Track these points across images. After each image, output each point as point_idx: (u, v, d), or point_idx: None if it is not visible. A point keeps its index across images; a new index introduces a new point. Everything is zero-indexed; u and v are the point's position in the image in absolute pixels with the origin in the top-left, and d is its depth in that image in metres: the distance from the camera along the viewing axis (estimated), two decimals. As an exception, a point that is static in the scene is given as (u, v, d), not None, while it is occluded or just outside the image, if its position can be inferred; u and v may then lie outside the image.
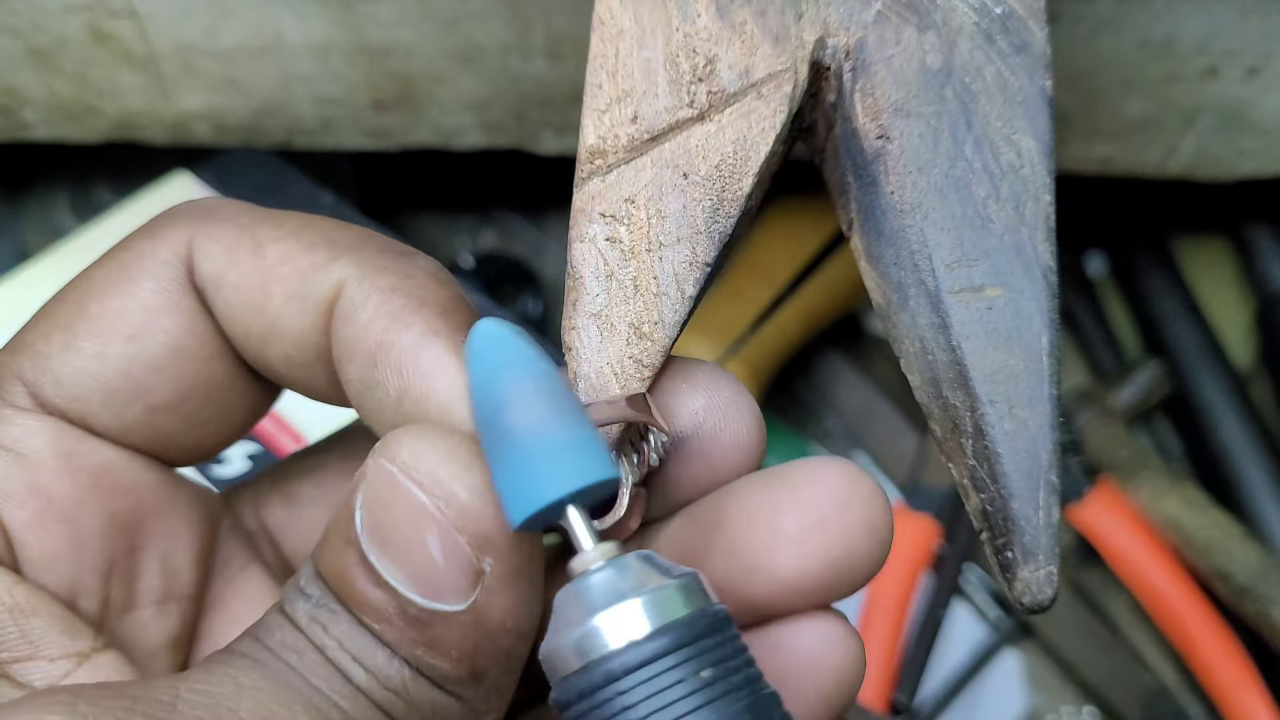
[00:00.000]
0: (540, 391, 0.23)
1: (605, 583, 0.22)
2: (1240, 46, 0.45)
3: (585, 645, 0.21)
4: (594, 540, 0.23)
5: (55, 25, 0.47)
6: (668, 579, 0.22)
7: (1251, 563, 0.56)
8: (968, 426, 0.27)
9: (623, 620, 0.21)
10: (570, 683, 0.22)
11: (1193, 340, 0.63)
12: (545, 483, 0.22)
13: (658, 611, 0.21)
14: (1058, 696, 0.60)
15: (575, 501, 0.22)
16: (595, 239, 0.27)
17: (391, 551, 0.22)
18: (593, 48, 0.28)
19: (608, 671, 0.21)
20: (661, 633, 0.21)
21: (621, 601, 0.21)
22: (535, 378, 0.23)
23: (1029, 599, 0.26)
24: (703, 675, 0.21)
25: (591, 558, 0.22)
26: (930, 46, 0.28)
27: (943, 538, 0.62)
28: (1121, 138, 0.50)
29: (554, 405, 0.22)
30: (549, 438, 0.22)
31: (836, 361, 0.66)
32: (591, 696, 0.21)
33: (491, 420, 0.22)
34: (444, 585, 0.22)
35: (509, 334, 0.23)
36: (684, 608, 0.22)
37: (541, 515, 0.22)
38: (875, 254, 0.28)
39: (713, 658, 0.21)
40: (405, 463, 0.22)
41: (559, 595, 0.23)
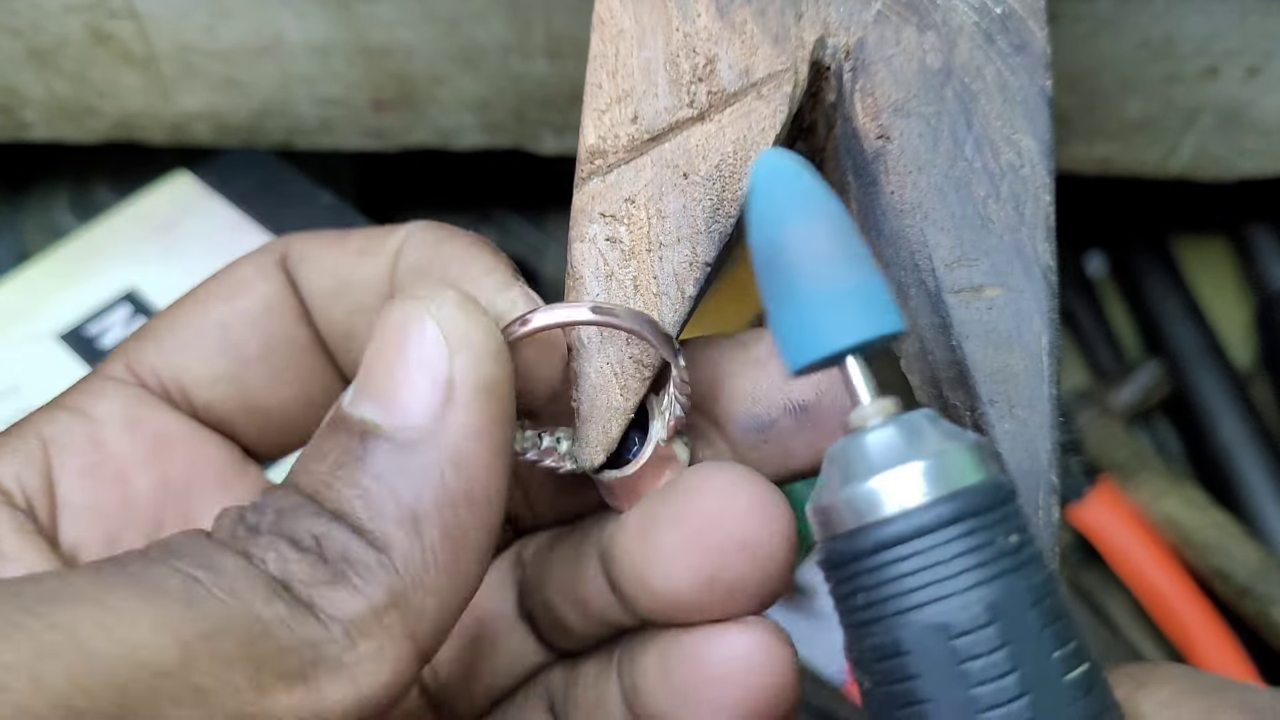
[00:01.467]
0: (827, 231, 0.21)
1: (888, 440, 0.21)
2: (1240, 46, 0.45)
3: (873, 503, 0.20)
4: (874, 393, 0.22)
5: (55, 25, 0.47)
6: (956, 441, 0.21)
7: (1251, 563, 0.56)
8: (968, 426, 0.27)
9: (909, 483, 0.20)
10: (866, 535, 0.20)
11: (1193, 340, 0.63)
12: (830, 331, 0.21)
13: (957, 474, 0.20)
14: (1058, 696, 0.60)
15: (857, 353, 0.22)
16: (595, 239, 0.27)
17: (370, 384, 0.22)
18: (593, 48, 0.28)
19: (914, 525, 0.20)
20: (951, 499, 0.20)
21: (906, 463, 0.21)
22: (822, 216, 0.22)
23: (1029, 599, 0.26)
24: (1011, 540, 0.20)
25: (872, 412, 0.22)
26: (930, 46, 0.28)
27: (943, 538, 0.62)
28: (1121, 138, 0.50)
29: (842, 247, 0.21)
30: (836, 282, 0.21)
31: (836, 361, 0.66)
32: (890, 550, 0.20)
33: (775, 259, 0.21)
34: (413, 401, 0.21)
35: (794, 166, 0.22)
36: (978, 472, 0.21)
37: (821, 363, 0.21)
38: (875, 254, 0.28)
39: (1015, 525, 0.20)
40: (404, 299, 0.23)
41: (834, 448, 0.22)
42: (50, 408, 0.26)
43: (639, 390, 0.27)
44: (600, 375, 0.27)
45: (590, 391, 0.27)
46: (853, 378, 0.22)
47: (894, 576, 0.20)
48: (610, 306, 0.25)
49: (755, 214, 0.22)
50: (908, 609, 0.20)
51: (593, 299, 0.26)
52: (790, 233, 0.21)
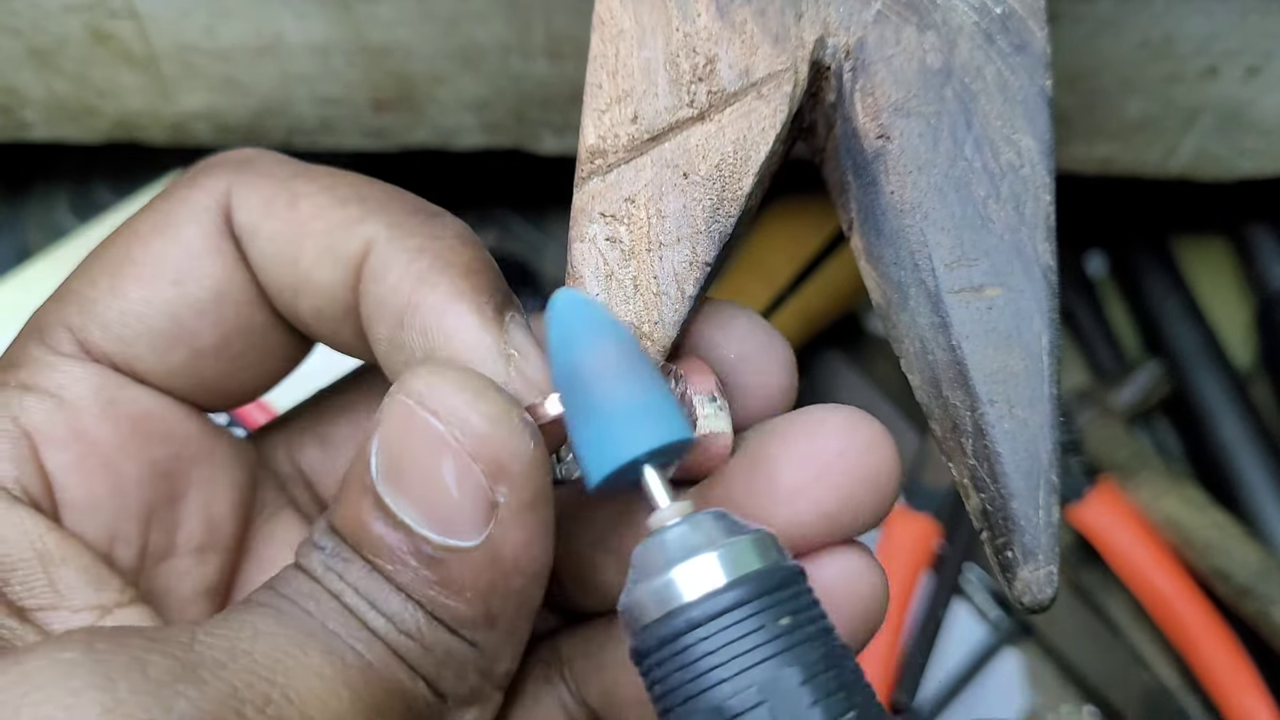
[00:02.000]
0: (618, 356, 0.23)
1: (682, 537, 0.23)
2: (1240, 46, 0.45)
3: (665, 595, 0.22)
4: (670, 497, 0.23)
5: (55, 25, 0.47)
6: (742, 534, 0.23)
7: (1251, 563, 0.56)
8: (968, 426, 0.27)
9: (701, 572, 0.22)
10: (651, 631, 0.22)
11: (1193, 340, 0.63)
12: (624, 442, 0.23)
13: (734, 564, 0.22)
14: (1058, 696, 0.60)
15: (652, 460, 0.23)
16: (595, 239, 0.27)
17: (406, 487, 0.23)
18: (593, 48, 0.28)
19: (689, 619, 0.21)
20: (739, 583, 0.22)
21: (699, 554, 0.22)
22: (613, 343, 0.23)
23: (1029, 599, 0.26)
24: (781, 623, 0.21)
25: (668, 514, 0.23)
26: (930, 46, 0.28)
27: (943, 538, 0.62)
28: (1121, 138, 0.50)
29: (631, 369, 0.23)
30: (627, 400, 0.23)
31: (836, 361, 0.66)
32: (673, 643, 0.22)
33: (571, 383, 0.23)
34: (458, 519, 0.23)
35: (587, 301, 0.24)
36: (759, 560, 0.22)
37: (620, 473, 0.23)
38: (875, 254, 0.28)
39: (789, 608, 0.22)
40: (420, 394, 0.23)
41: (637, 550, 0.23)
42: (17, 390, 0.26)
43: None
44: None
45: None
46: (649, 483, 0.23)
47: (684, 664, 0.21)
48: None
49: (553, 341, 0.24)
50: (694, 694, 0.21)
51: None
52: (582, 358, 0.23)
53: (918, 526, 0.61)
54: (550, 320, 0.24)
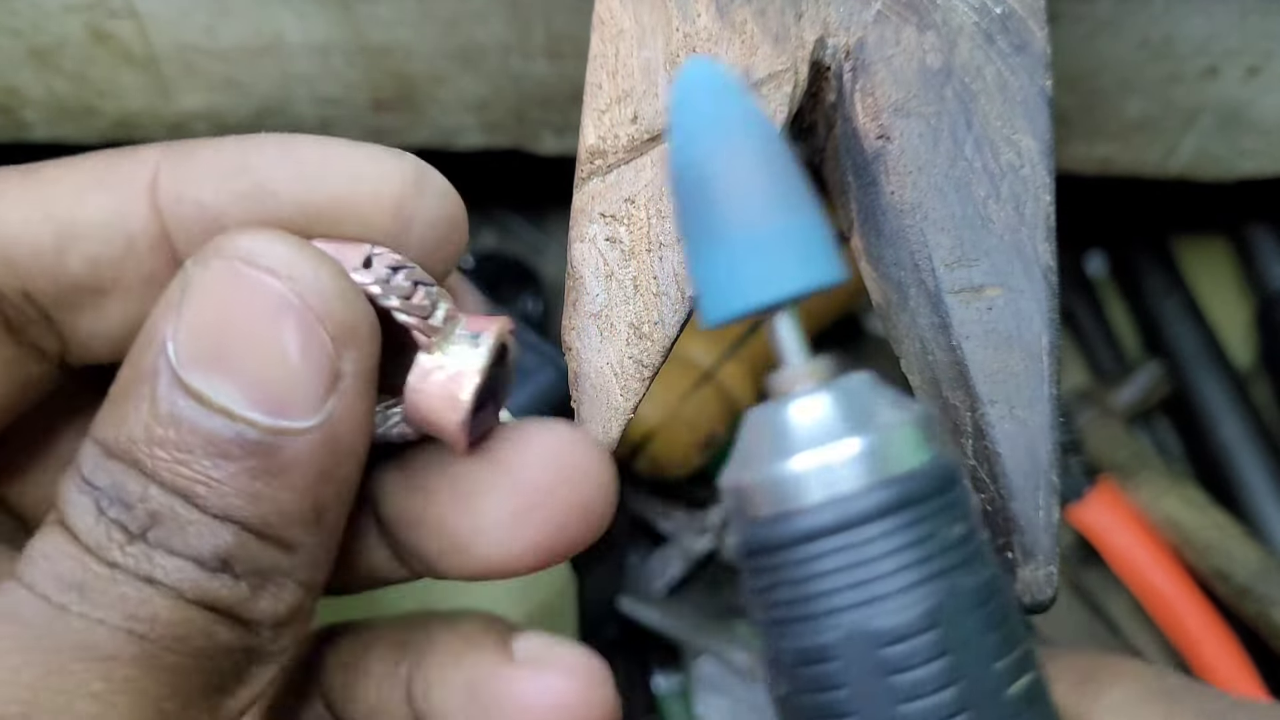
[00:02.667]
0: (760, 160, 0.19)
1: (819, 411, 0.18)
2: (1240, 46, 0.45)
3: (795, 488, 0.18)
4: (806, 354, 0.19)
5: (55, 25, 0.47)
6: (898, 414, 0.19)
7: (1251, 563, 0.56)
8: (968, 426, 0.27)
9: (843, 465, 0.18)
10: (787, 524, 0.18)
11: (1193, 340, 0.63)
12: (757, 282, 0.18)
13: (898, 454, 0.18)
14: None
15: (790, 305, 0.19)
16: (595, 239, 0.27)
17: (228, 365, 0.20)
18: (593, 48, 0.28)
19: (836, 520, 0.18)
20: (908, 479, 0.18)
21: (840, 439, 0.18)
22: (756, 141, 0.19)
23: (1029, 599, 0.26)
24: (955, 532, 0.18)
25: (802, 374, 0.19)
26: (930, 46, 0.28)
27: (943, 538, 0.62)
28: (1121, 138, 0.50)
29: (773, 178, 0.18)
30: (765, 225, 0.18)
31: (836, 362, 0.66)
32: (815, 543, 0.18)
33: (698, 189, 0.19)
34: (296, 395, 0.20)
35: (722, 80, 0.19)
36: (922, 453, 0.18)
37: (743, 317, 0.19)
38: (875, 254, 0.28)
39: (959, 512, 0.18)
40: (250, 253, 0.20)
41: (755, 414, 0.19)
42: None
43: (639, 390, 0.27)
44: (600, 376, 0.27)
45: (590, 392, 0.27)
46: (781, 335, 0.19)
47: (821, 572, 0.18)
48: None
49: (677, 132, 0.19)
50: (836, 610, 0.18)
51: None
52: (717, 159, 0.18)
53: (918, 526, 0.61)
54: (673, 102, 0.19)
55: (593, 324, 0.27)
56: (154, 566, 0.20)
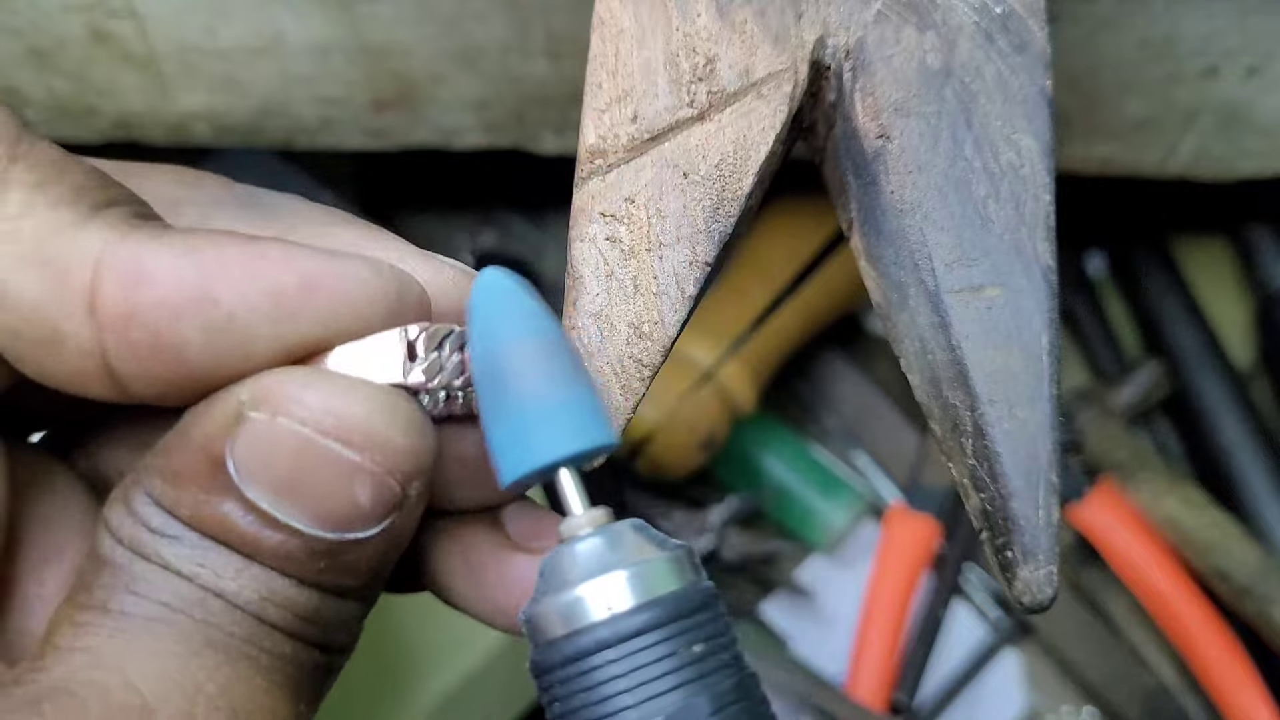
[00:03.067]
0: (541, 349, 0.22)
1: (594, 551, 0.22)
2: (1240, 46, 0.45)
3: (571, 613, 0.21)
4: (585, 505, 0.22)
5: (55, 25, 0.47)
6: (659, 551, 0.22)
7: (1251, 563, 0.56)
8: (968, 426, 0.27)
9: (612, 591, 0.21)
10: (555, 647, 0.21)
11: (1193, 340, 0.63)
12: (542, 444, 0.22)
13: (646, 584, 0.21)
14: (1058, 696, 0.60)
15: (569, 464, 0.22)
16: (595, 239, 0.27)
17: (297, 499, 0.21)
18: (593, 47, 0.28)
19: (598, 640, 0.21)
20: (651, 605, 0.21)
21: (610, 571, 0.21)
22: (537, 334, 0.22)
23: (1029, 599, 0.26)
24: (694, 650, 0.21)
25: (581, 523, 0.22)
26: (930, 46, 0.28)
27: (943, 538, 0.62)
28: (1121, 138, 0.50)
29: (555, 364, 0.22)
30: (548, 398, 0.22)
31: (836, 361, 0.66)
32: (577, 663, 0.21)
33: (489, 373, 0.22)
34: (361, 519, 0.22)
35: (512, 285, 0.23)
36: (674, 582, 0.21)
37: (534, 475, 0.22)
38: (875, 254, 0.28)
39: (703, 633, 0.21)
40: (319, 420, 0.21)
41: (546, 560, 0.22)
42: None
43: (639, 390, 0.27)
44: (600, 375, 0.27)
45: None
46: (565, 489, 0.22)
47: (588, 686, 0.21)
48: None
49: (474, 330, 0.22)
50: (597, 719, 0.20)
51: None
52: (504, 350, 0.22)
53: (918, 526, 0.61)
54: (471, 304, 0.23)
55: (593, 324, 0.27)
56: (261, 605, 0.22)
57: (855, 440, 0.65)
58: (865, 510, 0.62)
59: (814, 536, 0.62)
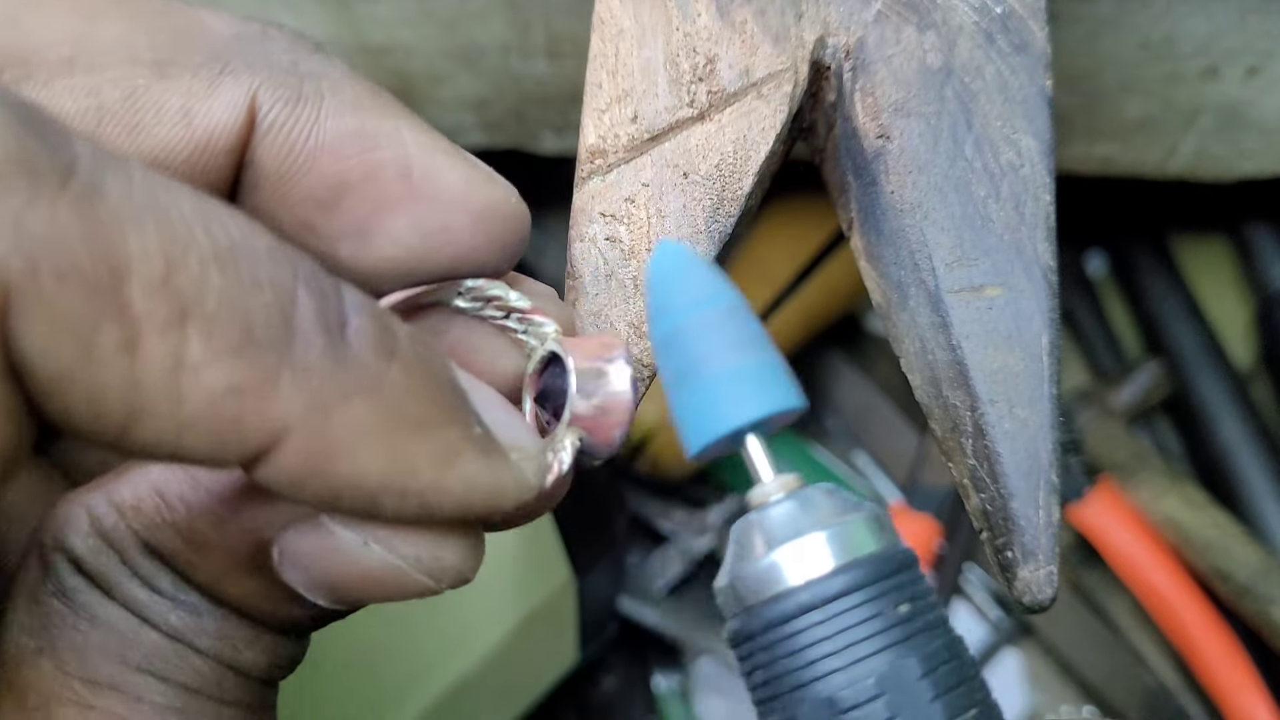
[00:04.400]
0: (723, 316, 0.22)
1: (788, 515, 0.21)
2: (1240, 46, 0.45)
3: (770, 577, 0.21)
4: (774, 470, 0.22)
5: (55, 25, 0.46)
6: (854, 513, 0.21)
7: (1251, 563, 0.56)
8: (968, 426, 0.27)
9: (811, 554, 0.21)
10: (755, 613, 0.21)
11: (1193, 340, 0.63)
12: (726, 410, 0.21)
13: (846, 545, 0.21)
14: (1058, 696, 0.60)
15: (756, 430, 0.22)
16: (595, 238, 0.27)
17: (342, 597, 0.21)
18: (593, 47, 0.28)
19: (800, 603, 0.20)
20: (854, 566, 0.20)
21: (807, 534, 0.21)
22: (717, 301, 0.22)
23: (1029, 598, 0.26)
24: (900, 610, 0.20)
25: (772, 489, 0.22)
26: (930, 46, 0.28)
27: (943, 538, 0.62)
28: (1121, 138, 0.50)
29: (737, 330, 0.22)
30: (731, 364, 0.21)
31: (836, 361, 0.66)
32: (781, 627, 0.20)
33: (674, 344, 0.22)
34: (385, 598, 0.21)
35: (687, 255, 0.23)
36: (873, 543, 0.21)
37: (720, 443, 0.22)
38: (875, 254, 0.28)
39: (907, 594, 0.21)
40: (418, 559, 0.21)
41: (736, 526, 0.22)
42: None
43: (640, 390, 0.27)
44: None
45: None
46: (752, 455, 0.22)
47: (791, 651, 0.20)
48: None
49: (654, 302, 0.22)
50: (803, 684, 0.20)
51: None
52: (688, 318, 0.22)
53: (918, 526, 0.61)
54: (650, 277, 0.23)
55: (593, 323, 0.27)
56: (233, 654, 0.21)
57: (855, 440, 0.65)
58: (865, 510, 0.62)
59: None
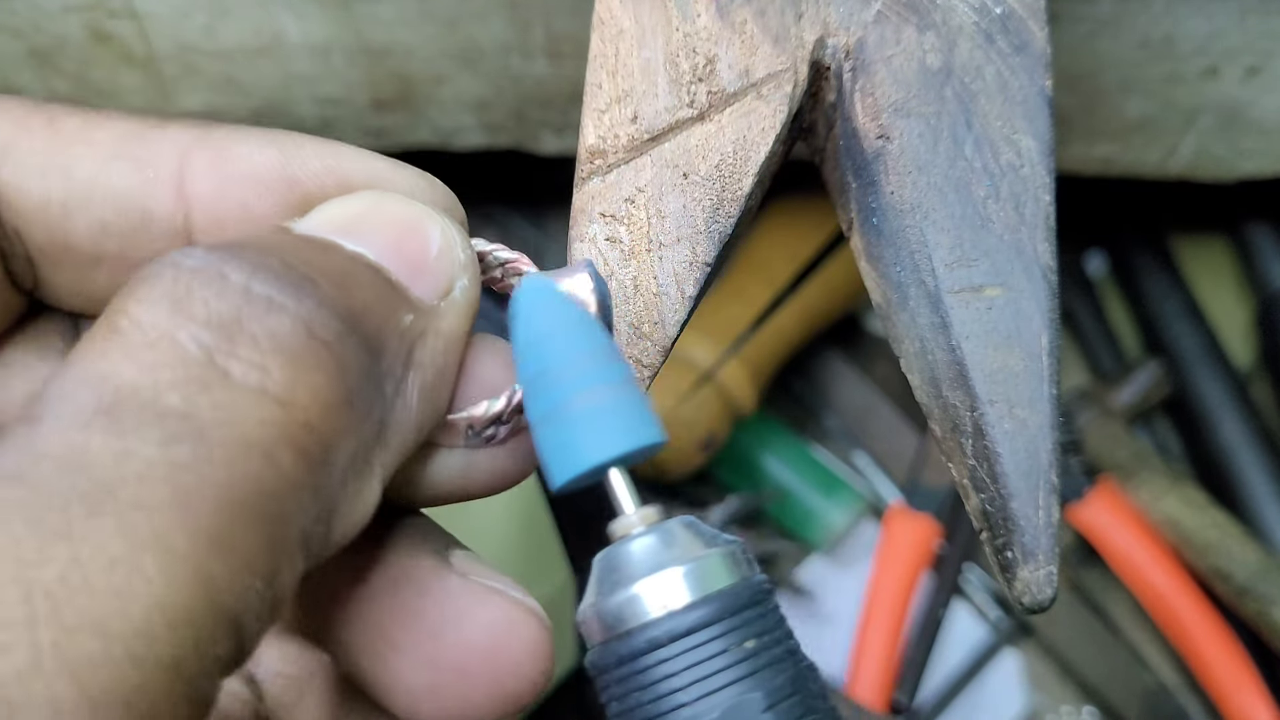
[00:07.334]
0: (585, 352, 0.22)
1: (647, 549, 0.22)
2: (1240, 46, 0.45)
3: (626, 612, 0.21)
4: (636, 504, 0.22)
5: (55, 25, 0.47)
6: (711, 547, 0.22)
7: (1251, 563, 0.56)
8: (968, 426, 0.27)
9: (665, 589, 0.21)
10: (610, 648, 0.21)
11: (1193, 340, 0.63)
12: (589, 447, 0.22)
13: (700, 581, 0.21)
14: (1058, 696, 0.60)
15: (619, 465, 0.22)
16: (595, 239, 0.27)
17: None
18: (593, 48, 0.28)
19: (651, 639, 0.21)
20: (704, 603, 0.21)
21: (664, 569, 0.21)
22: (581, 337, 0.22)
23: (1029, 599, 0.26)
24: (746, 646, 0.21)
25: (633, 522, 0.22)
26: (930, 46, 0.28)
27: (943, 538, 0.62)
28: (1121, 138, 0.50)
29: (599, 367, 0.22)
30: (594, 401, 0.22)
31: (836, 361, 0.66)
32: (632, 663, 0.21)
33: (536, 379, 0.22)
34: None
35: (553, 290, 0.23)
36: (727, 577, 0.21)
37: (583, 478, 0.22)
38: (875, 254, 0.28)
39: (755, 629, 0.21)
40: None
41: (599, 558, 0.22)
42: None
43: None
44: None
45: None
46: (615, 489, 0.22)
47: (643, 685, 0.21)
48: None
49: (518, 338, 0.23)
50: (653, 717, 0.20)
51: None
52: (550, 355, 0.22)
53: (918, 526, 0.61)
54: (514, 311, 0.23)
55: (593, 324, 0.27)
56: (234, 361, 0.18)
57: (855, 440, 0.65)
58: (865, 510, 0.62)
59: (814, 536, 0.62)
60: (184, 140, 0.22)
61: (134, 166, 0.22)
